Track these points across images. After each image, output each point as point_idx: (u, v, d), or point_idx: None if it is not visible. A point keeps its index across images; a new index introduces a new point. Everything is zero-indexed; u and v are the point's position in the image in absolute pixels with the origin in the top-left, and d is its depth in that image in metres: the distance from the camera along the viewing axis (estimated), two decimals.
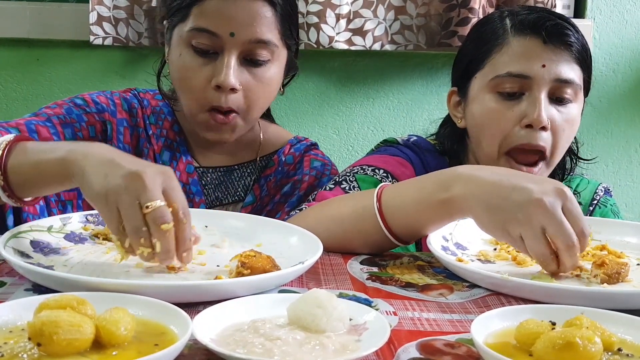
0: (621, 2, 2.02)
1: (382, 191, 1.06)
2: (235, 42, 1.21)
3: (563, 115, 1.23)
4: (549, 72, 1.20)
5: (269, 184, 1.39)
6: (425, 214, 1.03)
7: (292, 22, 1.29)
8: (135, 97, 1.39)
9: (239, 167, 1.40)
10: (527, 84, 1.21)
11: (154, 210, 0.84)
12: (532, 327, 0.69)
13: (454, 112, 1.35)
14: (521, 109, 1.21)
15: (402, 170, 1.30)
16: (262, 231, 1.09)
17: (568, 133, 1.24)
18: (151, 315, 0.72)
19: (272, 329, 0.69)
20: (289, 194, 1.39)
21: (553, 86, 1.22)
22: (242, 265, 0.87)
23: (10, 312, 0.71)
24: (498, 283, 0.92)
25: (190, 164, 1.35)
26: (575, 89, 1.24)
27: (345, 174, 1.29)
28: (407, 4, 1.90)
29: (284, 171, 1.41)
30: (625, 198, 2.10)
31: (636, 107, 2.08)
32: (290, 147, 1.44)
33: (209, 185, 1.37)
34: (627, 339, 0.73)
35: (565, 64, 1.22)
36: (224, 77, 1.20)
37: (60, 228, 1.04)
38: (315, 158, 1.43)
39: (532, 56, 1.21)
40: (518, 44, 1.23)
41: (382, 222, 1.04)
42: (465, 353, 0.72)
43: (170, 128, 1.37)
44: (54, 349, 0.62)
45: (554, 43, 1.22)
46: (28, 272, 0.85)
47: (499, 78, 1.23)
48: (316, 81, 2.01)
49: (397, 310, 0.84)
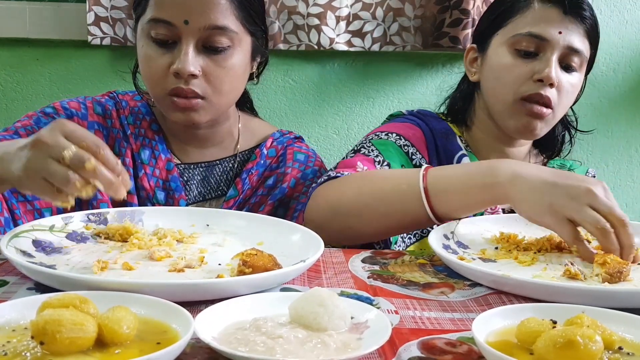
0: (621, 2, 2.02)
1: (427, 172, 1.14)
2: (190, 30, 1.22)
3: (568, 80, 1.34)
4: (563, 39, 1.32)
5: (251, 177, 1.39)
6: (470, 197, 1.11)
7: (254, 8, 1.30)
8: (112, 100, 1.41)
9: (221, 162, 1.41)
10: (543, 45, 1.33)
11: (71, 158, 0.87)
12: (533, 326, 0.69)
13: (469, 67, 1.47)
14: (534, 67, 1.33)
15: (412, 132, 1.42)
16: (263, 230, 1.09)
17: (570, 97, 1.36)
18: (153, 314, 0.72)
19: (274, 328, 0.70)
20: (272, 187, 1.39)
21: (564, 52, 1.33)
22: (243, 263, 0.88)
23: (13, 311, 0.71)
24: (499, 281, 0.92)
25: (169, 161, 1.36)
26: (581, 59, 1.35)
27: (362, 142, 1.39)
28: (405, 6, 1.91)
29: (266, 164, 1.42)
30: (625, 198, 2.11)
31: (636, 107, 2.08)
32: (273, 141, 1.44)
33: (191, 182, 1.38)
34: (628, 337, 0.73)
35: (578, 35, 1.33)
36: (181, 64, 1.21)
37: (62, 227, 1.04)
38: (299, 151, 1.44)
39: (552, 22, 1.33)
40: (541, 9, 1.35)
41: (426, 201, 1.11)
42: (467, 351, 0.72)
43: (149, 127, 1.39)
44: (57, 347, 0.62)
45: (572, 15, 1.33)
46: (31, 271, 0.85)
47: (519, 36, 1.34)
48: (316, 81, 2.02)
49: (398, 308, 0.84)
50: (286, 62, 2.00)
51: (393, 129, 1.42)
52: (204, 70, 1.24)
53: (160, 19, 1.23)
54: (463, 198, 1.11)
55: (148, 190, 1.33)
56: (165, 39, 1.24)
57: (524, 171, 1.07)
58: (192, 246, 1.04)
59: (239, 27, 1.26)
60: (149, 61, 1.26)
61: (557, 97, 1.33)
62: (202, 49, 1.24)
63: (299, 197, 1.39)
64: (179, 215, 1.15)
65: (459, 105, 1.49)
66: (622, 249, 1.00)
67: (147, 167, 1.35)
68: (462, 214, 1.14)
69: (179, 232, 1.07)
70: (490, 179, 1.08)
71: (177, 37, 1.23)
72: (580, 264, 1.00)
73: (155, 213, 1.15)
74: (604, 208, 1.00)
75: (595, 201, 1.00)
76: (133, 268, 0.91)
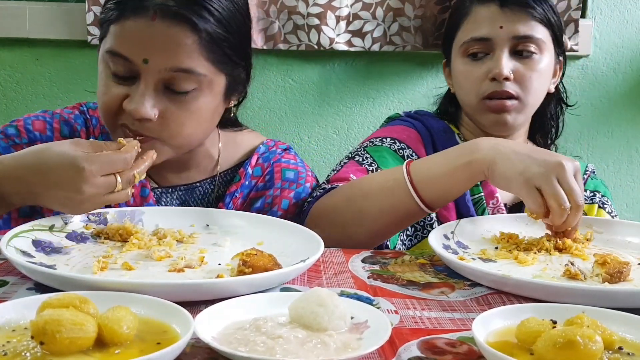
0: (621, 2, 2.02)
1: (409, 165, 1.16)
2: (150, 70, 1.09)
3: (527, 66, 1.37)
4: (506, 32, 1.36)
5: (235, 201, 1.30)
6: (452, 178, 1.13)
7: (231, 45, 1.15)
8: (82, 115, 1.31)
9: (201, 184, 1.31)
10: (489, 45, 1.38)
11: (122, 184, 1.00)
12: (533, 326, 0.69)
13: (447, 81, 1.54)
14: (487, 67, 1.38)
15: (407, 134, 1.44)
16: (263, 230, 1.09)
17: (537, 81, 1.39)
18: (153, 314, 0.72)
19: (274, 328, 0.70)
20: (260, 210, 1.29)
21: (513, 43, 1.37)
22: (243, 263, 0.88)
23: (13, 311, 0.71)
24: (499, 281, 0.92)
25: (144, 187, 1.26)
26: (537, 43, 1.38)
27: (356, 150, 1.41)
28: (405, 6, 1.92)
29: (251, 185, 1.32)
30: (625, 198, 2.10)
31: (637, 107, 2.08)
32: (258, 158, 1.34)
33: (171, 204, 1.29)
34: (628, 337, 0.73)
35: (522, 23, 1.37)
36: (135, 105, 1.09)
37: (62, 227, 1.04)
38: (287, 167, 1.34)
39: (491, 20, 1.38)
40: (478, 12, 1.40)
41: (414, 191, 1.13)
42: (467, 351, 0.72)
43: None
44: (57, 347, 0.62)
45: (510, 7, 1.37)
46: (30, 271, 0.85)
47: (466, 43, 1.41)
48: (316, 81, 2.02)
49: (398, 308, 0.84)
50: (286, 62, 2.00)
51: (387, 133, 1.44)
52: (163, 113, 1.11)
53: (118, 53, 1.10)
54: (447, 180, 1.13)
55: None
56: (122, 73, 1.11)
57: (502, 145, 1.10)
58: (192, 246, 1.04)
59: (209, 69, 1.13)
60: (104, 90, 1.14)
61: (519, 86, 1.36)
62: (163, 89, 1.11)
63: (292, 219, 1.25)
64: (179, 215, 1.15)
65: (449, 109, 1.54)
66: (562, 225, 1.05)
67: None
68: (449, 197, 1.17)
69: (178, 232, 1.07)
70: (469, 157, 1.11)
71: (135, 73, 1.10)
72: (580, 264, 1.00)
73: (155, 213, 1.15)
74: (566, 186, 1.03)
75: (562, 175, 1.03)
76: (133, 268, 0.91)
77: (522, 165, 1.05)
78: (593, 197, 1.52)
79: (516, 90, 1.36)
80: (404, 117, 1.52)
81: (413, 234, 1.39)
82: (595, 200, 1.52)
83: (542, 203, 1.04)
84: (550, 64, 1.42)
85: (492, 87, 1.36)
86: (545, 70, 1.40)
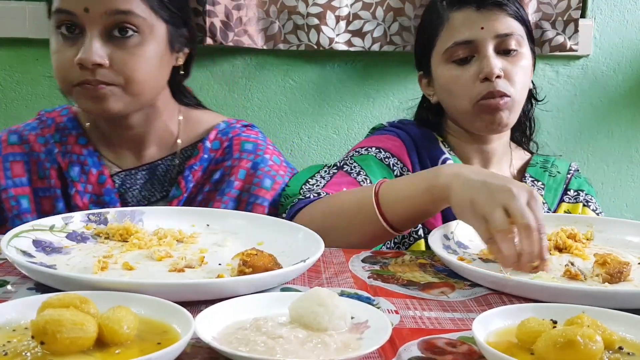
0: (622, 2, 2.02)
1: (380, 185, 1.16)
2: (92, 18, 1.18)
3: (514, 63, 1.38)
4: (488, 32, 1.36)
5: (194, 174, 1.34)
6: (414, 201, 1.12)
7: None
8: (37, 120, 1.39)
9: (163, 161, 1.37)
10: (473, 47, 1.37)
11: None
12: (533, 326, 0.69)
13: (426, 92, 1.52)
14: (475, 69, 1.37)
15: (391, 143, 1.44)
16: (263, 229, 1.09)
17: (524, 77, 1.40)
18: (154, 314, 0.72)
19: (274, 328, 0.70)
20: (219, 181, 1.35)
21: (497, 42, 1.37)
22: (243, 263, 0.88)
23: (14, 311, 0.71)
24: (499, 282, 0.92)
25: (101, 174, 1.33)
26: (517, 39, 1.38)
27: (344, 159, 1.41)
28: (406, 6, 1.92)
29: (210, 158, 1.36)
30: (625, 198, 2.10)
31: (637, 107, 2.08)
32: (217, 132, 1.38)
33: (135, 187, 1.34)
34: (628, 337, 0.73)
35: (501, 21, 1.37)
36: (84, 54, 1.18)
37: (62, 227, 1.05)
38: (246, 140, 1.38)
39: (470, 23, 1.38)
40: (455, 17, 1.40)
41: (378, 211, 1.13)
42: (467, 351, 0.72)
43: (76, 142, 1.35)
44: (57, 347, 0.62)
45: (486, 7, 1.38)
46: (31, 271, 0.85)
47: (449, 49, 1.39)
48: (316, 81, 2.01)
49: (398, 308, 0.84)
50: (286, 62, 2.00)
51: (372, 143, 1.44)
52: (112, 58, 1.20)
53: (62, 9, 1.20)
54: (409, 204, 1.13)
55: (82, 207, 1.29)
56: (68, 29, 1.21)
57: (465, 172, 1.06)
58: (192, 246, 1.04)
59: (147, 12, 1.22)
60: (55, 54, 1.23)
61: (509, 83, 1.36)
62: (109, 36, 1.20)
63: (250, 188, 1.35)
64: (180, 215, 1.15)
65: (430, 119, 1.52)
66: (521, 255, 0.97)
67: (78, 184, 1.32)
68: (411, 221, 1.17)
69: (179, 232, 1.08)
70: (432, 182, 1.10)
71: (80, 26, 1.20)
72: (580, 264, 1.00)
73: (155, 213, 1.15)
74: (516, 211, 0.97)
75: (510, 202, 0.97)
76: (133, 268, 0.91)
77: (473, 193, 1.01)
78: (577, 196, 1.51)
79: (507, 88, 1.36)
80: (388, 127, 1.52)
81: (400, 241, 1.40)
82: (580, 199, 1.51)
83: (488, 233, 0.99)
84: (530, 59, 1.42)
85: (486, 88, 1.35)
86: (528, 65, 1.41)
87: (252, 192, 1.34)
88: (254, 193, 1.34)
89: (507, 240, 0.97)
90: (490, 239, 0.99)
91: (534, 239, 0.96)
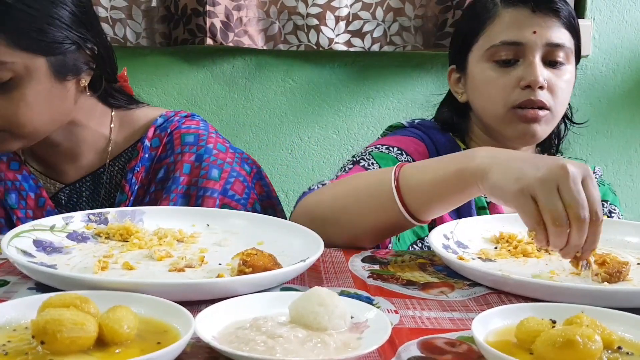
0: (621, 2, 2.02)
1: (400, 168, 1.07)
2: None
3: (558, 76, 1.31)
4: (540, 38, 1.28)
5: (137, 176, 1.30)
6: (441, 186, 1.02)
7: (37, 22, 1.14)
8: None
9: (105, 168, 1.32)
10: (521, 50, 1.29)
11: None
12: (532, 325, 0.69)
13: (455, 89, 1.42)
14: (518, 74, 1.29)
15: (415, 147, 1.36)
16: (263, 229, 1.09)
17: (566, 92, 1.32)
18: (154, 313, 0.72)
19: (274, 327, 0.70)
20: (164, 179, 1.29)
21: (545, 50, 1.29)
22: (243, 263, 0.88)
23: (14, 310, 0.71)
24: (499, 281, 0.92)
25: (40, 197, 1.29)
26: (566, 52, 1.31)
27: (361, 154, 1.33)
28: (406, 6, 1.92)
29: (151, 157, 1.31)
30: (625, 198, 2.11)
31: (636, 107, 2.08)
32: (155, 129, 1.32)
33: (83, 199, 1.31)
34: (627, 337, 0.73)
35: (554, 29, 1.29)
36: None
37: (63, 227, 1.05)
38: (186, 132, 1.31)
39: (523, 24, 1.29)
40: (508, 14, 1.31)
41: (397, 197, 1.04)
42: (466, 351, 0.72)
43: (7, 168, 1.31)
44: (58, 347, 0.62)
45: (542, 11, 1.29)
46: (31, 271, 0.85)
47: (494, 47, 1.31)
48: (316, 81, 2.02)
49: (398, 308, 0.84)
50: (286, 63, 2.00)
51: (395, 142, 1.36)
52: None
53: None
54: (434, 188, 1.03)
55: None
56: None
57: (502, 154, 0.99)
58: (192, 246, 1.04)
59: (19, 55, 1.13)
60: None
61: (551, 96, 1.29)
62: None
63: (197, 182, 1.28)
64: (180, 215, 1.15)
65: (453, 120, 1.44)
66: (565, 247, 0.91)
67: (18, 211, 1.29)
68: (436, 208, 1.06)
69: (179, 231, 1.08)
70: (463, 164, 1.00)
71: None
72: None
73: (155, 213, 1.15)
74: (568, 196, 0.88)
75: (564, 183, 0.88)
76: (134, 268, 0.91)
77: (518, 171, 0.92)
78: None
79: (548, 100, 1.28)
80: (410, 128, 1.43)
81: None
82: (604, 210, 1.43)
83: (537, 216, 0.90)
84: (573, 76, 1.34)
85: (525, 96, 1.27)
86: (571, 81, 1.33)
87: (201, 185, 1.28)
88: (202, 186, 1.28)
89: (561, 234, 0.89)
90: (537, 223, 0.90)
91: (582, 234, 0.89)
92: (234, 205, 1.29)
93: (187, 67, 1.99)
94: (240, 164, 1.34)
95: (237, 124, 2.02)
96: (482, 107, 1.36)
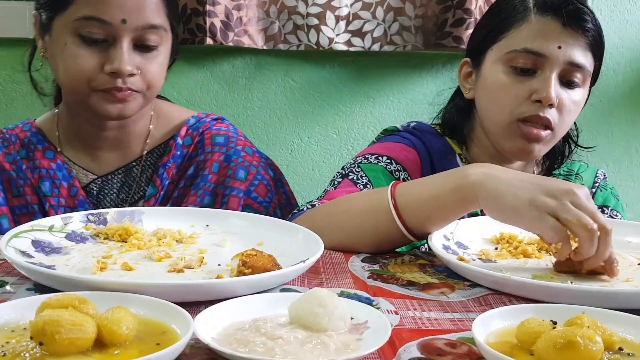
0: (621, 2, 2.02)
1: (395, 186, 1.08)
2: (127, 29, 1.20)
3: (570, 98, 1.27)
4: (563, 54, 1.24)
5: (168, 171, 1.35)
6: (440, 201, 1.04)
7: (175, 4, 1.32)
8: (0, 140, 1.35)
9: (137, 162, 1.36)
10: (541, 62, 1.24)
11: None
12: (533, 326, 0.69)
13: (463, 83, 1.38)
14: (532, 86, 1.25)
15: (405, 155, 1.34)
16: (263, 230, 1.09)
17: (573, 115, 1.29)
18: (153, 314, 0.72)
19: (274, 328, 0.70)
20: (193, 176, 1.35)
21: (565, 68, 1.25)
22: (243, 264, 0.87)
23: (12, 311, 0.71)
24: (499, 282, 0.92)
25: (72, 187, 1.31)
26: (584, 75, 1.27)
27: (350, 166, 1.32)
28: (406, 6, 1.92)
29: (183, 154, 1.37)
30: (625, 198, 2.10)
31: (637, 107, 2.08)
32: (188, 128, 1.39)
33: (112, 191, 1.34)
34: (628, 338, 0.73)
35: (579, 49, 1.25)
36: (120, 63, 1.19)
37: (62, 228, 1.04)
38: (217, 133, 1.38)
39: (550, 36, 1.24)
40: (538, 22, 1.26)
41: (396, 215, 1.06)
42: (467, 352, 0.72)
43: (43, 157, 1.33)
44: (56, 348, 0.62)
45: (572, 27, 1.24)
46: (30, 271, 0.85)
47: (515, 52, 1.26)
48: (316, 81, 2.02)
49: (398, 309, 0.84)
50: (286, 62, 2.00)
51: (385, 150, 1.33)
52: (138, 68, 1.23)
53: (95, 17, 1.19)
54: (433, 206, 1.05)
55: None
56: (97, 37, 1.20)
57: (497, 171, 1.02)
58: (191, 246, 1.04)
59: (167, 24, 1.26)
60: (77, 59, 1.21)
61: (558, 117, 1.25)
62: (134, 47, 1.23)
63: (225, 181, 1.34)
64: (179, 216, 1.15)
65: (455, 121, 1.40)
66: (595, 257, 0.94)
67: (51, 199, 1.31)
68: (434, 224, 1.07)
69: (178, 232, 1.07)
70: (460, 181, 1.02)
71: (111, 36, 1.20)
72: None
73: (155, 213, 1.15)
74: (586, 209, 0.94)
75: (576, 200, 0.94)
76: (132, 268, 0.91)
77: (529, 193, 0.96)
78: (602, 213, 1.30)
79: (554, 119, 1.24)
80: (403, 134, 1.40)
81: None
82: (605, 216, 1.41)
83: (562, 230, 0.93)
84: (584, 99, 1.31)
85: (533, 111, 1.24)
86: (581, 103, 1.30)
87: (227, 185, 1.33)
88: (229, 185, 1.33)
89: (594, 238, 0.92)
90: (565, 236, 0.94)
91: (609, 241, 0.93)
92: (255, 207, 1.33)
93: (187, 66, 1.99)
94: (265, 169, 1.39)
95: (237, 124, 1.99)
96: (487, 110, 1.32)
